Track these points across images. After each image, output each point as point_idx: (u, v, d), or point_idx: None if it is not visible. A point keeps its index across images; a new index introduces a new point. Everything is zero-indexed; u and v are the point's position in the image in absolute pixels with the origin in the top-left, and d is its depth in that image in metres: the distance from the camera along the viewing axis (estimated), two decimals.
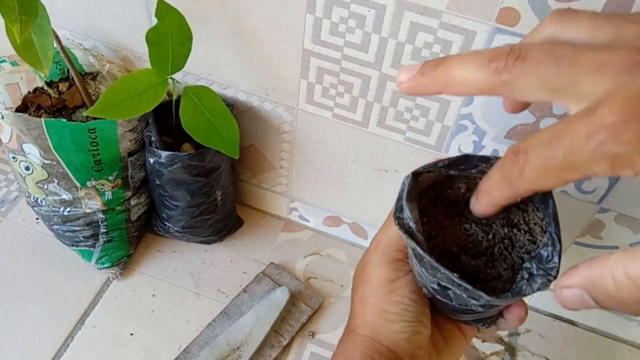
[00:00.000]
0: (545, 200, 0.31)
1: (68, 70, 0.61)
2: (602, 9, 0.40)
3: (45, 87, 0.59)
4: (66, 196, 0.58)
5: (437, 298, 0.34)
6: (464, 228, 0.34)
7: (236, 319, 0.62)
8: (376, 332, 0.36)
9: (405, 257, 0.37)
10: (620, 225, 0.54)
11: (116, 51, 0.61)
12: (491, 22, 0.44)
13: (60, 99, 0.59)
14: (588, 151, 0.22)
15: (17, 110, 0.57)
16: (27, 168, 0.56)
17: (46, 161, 0.55)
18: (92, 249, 0.64)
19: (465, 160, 0.32)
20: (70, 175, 0.56)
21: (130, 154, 0.58)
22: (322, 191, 0.67)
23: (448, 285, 0.30)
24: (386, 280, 0.37)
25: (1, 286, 0.64)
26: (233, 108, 0.59)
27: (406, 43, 0.47)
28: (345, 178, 0.64)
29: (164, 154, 0.56)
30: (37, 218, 0.70)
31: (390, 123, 0.55)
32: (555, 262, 0.30)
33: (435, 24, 0.45)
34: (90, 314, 0.63)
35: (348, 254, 0.72)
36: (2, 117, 0.52)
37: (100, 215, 0.61)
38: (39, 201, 0.60)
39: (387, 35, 0.48)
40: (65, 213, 0.60)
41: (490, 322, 0.38)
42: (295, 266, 0.70)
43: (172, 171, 0.57)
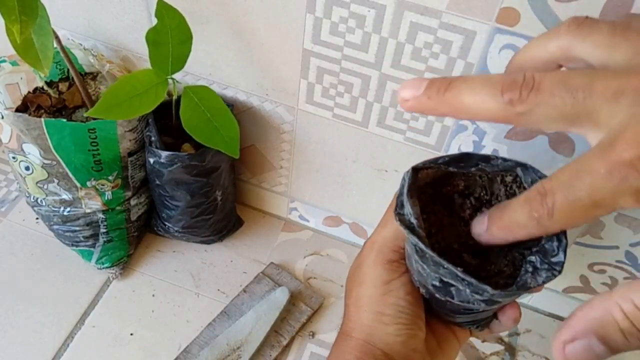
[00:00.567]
0: None
1: (68, 70, 0.61)
2: (602, 9, 0.40)
3: (45, 87, 0.59)
4: (66, 196, 0.58)
5: (436, 297, 0.33)
6: (463, 225, 0.34)
7: (236, 319, 0.62)
8: (371, 335, 0.36)
9: (400, 258, 0.37)
10: (620, 225, 0.54)
11: (116, 51, 0.61)
12: (491, 22, 0.44)
13: (60, 99, 0.59)
14: (611, 189, 0.22)
15: (17, 110, 0.57)
16: (27, 168, 0.56)
17: (46, 161, 0.55)
18: (92, 249, 0.64)
19: (465, 158, 0.32)
20: (70, 175, 0.56)
21: (130, 154, 0.58)
22: (322, 191, 0.67)
23: (451, 280, 0.30)
24: (381, 281, 0.36)
25: (1, 286, 0.64)
26: (233, 108, 0.59)
27: (406, 43, 0.47)
28: (345, 178, 0.64)
29: (164, 154, 0.56)
30: (37, 218, 0.70)
31: (390, 123, 0.55)
32: (560, 258, 0.30)
33: (435, 24, 0.45)
34: (90, 314, 0.63)
35: (348, 254, 0.72)
36: (2, 117, 0.52)
37: (100, 215, 0.61)
38: (39, 201, 0.60)
39: (387, 35, 0.48)
40: (65, 213, 0.60)
41: (483, 325, 0.38)
42: (295, 266, 0.70)
43: (172, 171, 0.57)
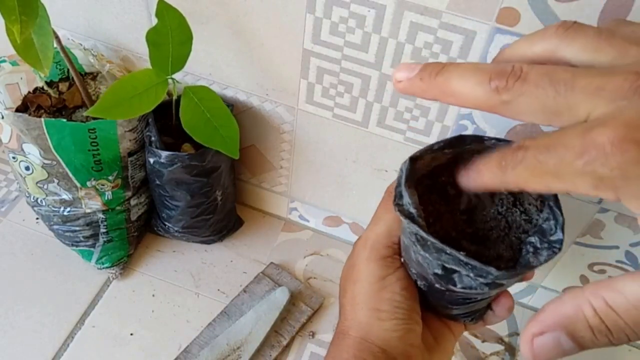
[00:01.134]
0: None
1: (68, 70, 0.61)
2: (603, 9, 0.40)
3: (45, 87, 0.59)
4: (66, 196, 0.58)
5: (435, 288, 0.34)
6: (460, 214, 0.34)
7: (236, 319, 0.62)
8: (368, 332, 0.36)
9: (394, 254, 0.37)
10: (620, 225, 0.54)
11: (116, 51, 0.61)
12: (491, 22, 0.44)
13: (60, 99, 0.59)
14: (576, 166, 0.22)
15: (17, 110, 0.57)
16: (27, 168, 0.56)
17: (46, 161, 0.55)
18: (92, 249, 0.64)
19: (459, 140, 0.33)
20: (70, 175, 0.56)
21: (130, 154, 0.58)
22: (322, 191, 0.67)
23: (454, 266, 0.30)
24: (376, 277, 0.37)
25: (1, 286, 0.64)
26: (233, 108, 0.59)
27: (406, 43, 0.47)
28: (345, 178, 0.64)
29: (164, 154, 0.56)
30: (37, 218, 0.70)
31: (390, 123, 0.55)
32: (559, 235, 0.30)
33: (435, 24, 0.45)
34: (90, 314, 0.63)
35: (348, 254, 0.72)
36: (2, 117, 0.52)
37: (100, 215, 0.61)
38: (39, 201, 0.60)
39: (387, 35, 0.48)
40: (65, 213, 0.60)
41: (478, 317, 0.38)
42: (295, 266, 0.70)
43: (172, 171, 0.57)
